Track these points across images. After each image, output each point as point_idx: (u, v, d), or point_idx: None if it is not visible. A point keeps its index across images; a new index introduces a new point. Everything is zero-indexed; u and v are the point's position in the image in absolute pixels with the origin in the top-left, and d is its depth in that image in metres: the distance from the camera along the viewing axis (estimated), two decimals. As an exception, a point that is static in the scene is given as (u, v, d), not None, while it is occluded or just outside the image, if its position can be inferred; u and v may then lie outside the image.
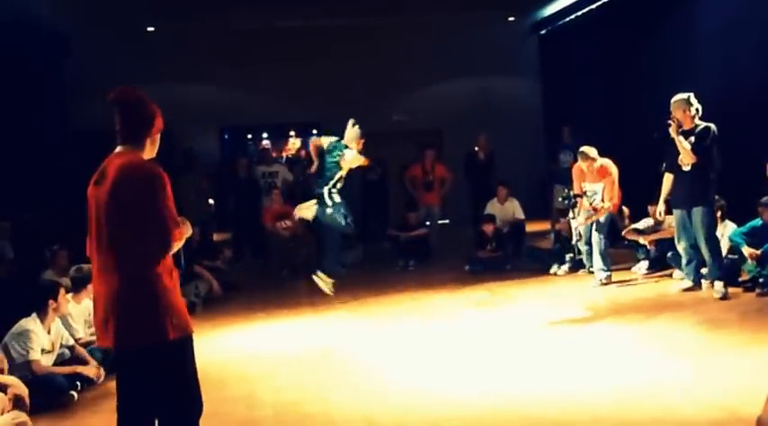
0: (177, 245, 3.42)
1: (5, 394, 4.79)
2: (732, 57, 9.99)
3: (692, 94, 7.36)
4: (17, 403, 4.78)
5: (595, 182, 8.60)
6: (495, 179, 11.69)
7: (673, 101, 7.37)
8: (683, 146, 7.20)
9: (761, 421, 1.95)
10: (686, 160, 7.25)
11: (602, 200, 8.51)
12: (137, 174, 3.34)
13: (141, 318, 3.30)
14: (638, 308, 7.16)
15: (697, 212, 7.29)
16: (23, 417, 4.66)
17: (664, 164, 7.65)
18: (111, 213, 3.33)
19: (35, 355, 5.62)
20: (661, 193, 7.72)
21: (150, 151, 3.55)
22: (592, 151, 8.59)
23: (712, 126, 7.23)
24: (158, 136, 3.58)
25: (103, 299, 3.39)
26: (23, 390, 4.93)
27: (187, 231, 3.50)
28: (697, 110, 7.31)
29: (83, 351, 6.16)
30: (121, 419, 3.45)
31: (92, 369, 5.92)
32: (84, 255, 3.63)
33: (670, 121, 7.27)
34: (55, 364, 5.86)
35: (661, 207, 7.75)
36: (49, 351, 5.84)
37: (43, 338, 5.76)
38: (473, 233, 11.44)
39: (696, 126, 7.29)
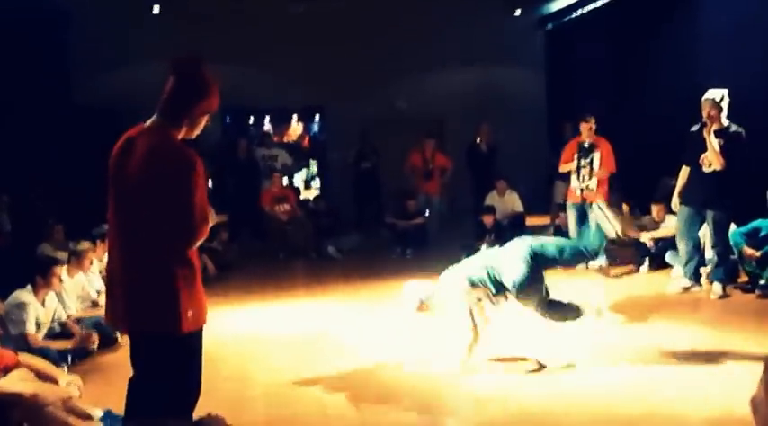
0: (202, 240, 3.24)
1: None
2: (739, 53, 9.93)
3: (722, 91, 7.14)
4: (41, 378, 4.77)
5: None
6: (496, 170, 11.66)
7: (704, 99, 7.16)
8: (714, 148, 7.05)
9: (753, 401, 1.93)
10: (714, 163, 7.10)
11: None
12: (174, 160, 3.12)
13: (158, 307, 3.19)
14: (636, 306, 7.11)
15: (712, 214, 7.21)
16: (29, 375, 4.64)
17: (683, 156, 7.48)
18: (141, 195, 3.14)
19: (31, 328, 5.60)
20: (676, 186, 7.59)
21: (187, 131, 3.32)
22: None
23: (743, 131, 7.10)
24: (204, 118, 3.35)
25: (121, 280, 3.25)
26: (43, 366, 4.91)
27: (212, 220, 3.31)
28: (722, 108, 7.10)
29: (74, 326, 6.12)
30: (129, 400, 3.41)
31: (81, 337, 5.88)
32: (79, 229, 3.56)
33: (706, 121, 7.10)
34: (45, 338, 5.84)
35: (675, 199, 7.57)
36: (42, 325, 5.81)
37: (39, 310, 5.74)
38: (473, 223, 11.41)
39: (725, 127, 7.13)
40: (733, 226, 7.72)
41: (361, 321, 7.01)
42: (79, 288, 6.94)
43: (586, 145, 9.01)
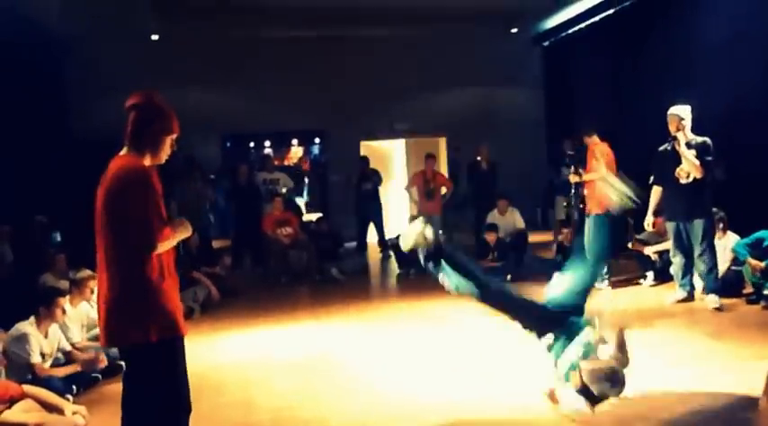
0: (166, 245, 3.40)
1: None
2: (735, 69, 10.00)
3: (686, 107, 7.37)
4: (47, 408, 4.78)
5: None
6: (497, 189, 11.67)
7: (669, 114, 7.40)
8: (690, 160, 7.19)
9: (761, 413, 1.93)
10: (693, 173, 7.23)
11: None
12: (123, 175, 3.37)
13: (127, 318, 3.35)
14: (638, 318, 7.08)
15: (698, 224, 7.32)
16: (33, 405, 4.63)
17: (652, 177, 7.70)
18: (105, 215, 3.39)
19: (35, 358, 5.58)
20: (648, 207, 7.74)
21: (155, 156, 3.55)
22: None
23: (708, 140, 7.28)
24: (167, 141, 3.58)
25: (100, 299, 3.47)
26: (48, 396, 4.91)
27: (185, 231, 3.52)
28: (686, 123, 7.32)
29: (79, 355, 6.11)
30: (122, 415, 3.50)
31: (90, 355, 5.87)
32: (82, 259, 3.66)
33: (676, 135, 7.28)
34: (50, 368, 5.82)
35: (649, 219, 7.84)
36: (47, 356, 5.79)
37: (42, 342, 5.72)
38: (475, 242, 11.41)
39: (691, 139, 7.31)
40: (737, 238, 7.74)
41: (366, 342, 6.98)
42: (83, 316, 6.91)
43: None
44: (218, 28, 14.20)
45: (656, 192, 7.72)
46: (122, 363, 5.74)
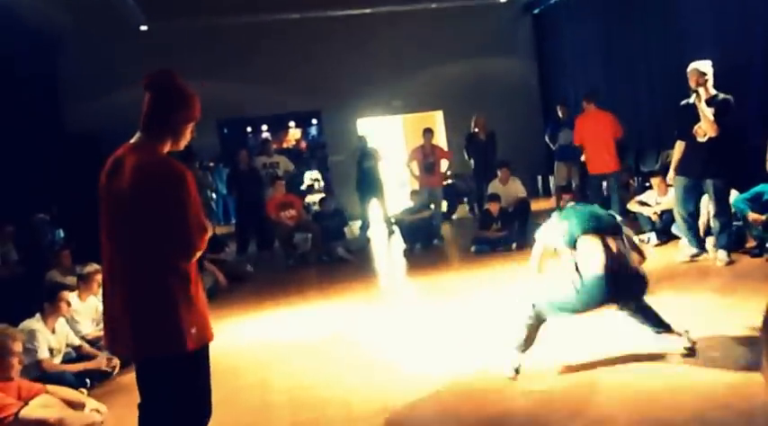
0: (201, 251, 3.15)
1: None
2: (725, 32, 9.95)
3: (707, 62, 7.19)
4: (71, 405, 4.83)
5: None
6: (496, 158, 11.69)
7: (689, 69, 7.20)
8: (707, 116, 7.04)
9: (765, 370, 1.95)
10: (708, 131, 7.11)
11: None
12: (161, 174, 3.04)
13: (160, 328, 3.08)
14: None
15: (711, 183, 7.23)
16: (53, 400, 4.68)
17: (676, 131, 7.54)
18: (132, 213, 3.06)
19: (44, 354, 5.61)
20: (672, 161, 7.65)
21: (173, 144, 3.25)
22: None
23: (731, 98, 7.11)
24: (188, 127, 3.29)
25: (119, 303, 3.15)
26: (69, 393, 4.96)
27: (210, 231, 3.27)
28: (708, 78, 7.12)
29: (90, 349, 6.16)
30: (141, 422, 3.32)
31: (102, 361, 5.93)
32: (86, 254, 3.47)
33: (696, 90, 7.10)
34: (61, 363, 5.87)
35: (671, 174, 7.64)
36: (55, 351, 5.84)
37: (49, 338, 5.76)
38: (477, 213, 11.43)
39: (713, 96, 7.14)
40: (735, 193, 7.74)
41: (377, 319, 7.01)
42: (93, 310, 6.95)
43: None
44: (209, 14, 14.12)
45: (678, 147, 7.50)
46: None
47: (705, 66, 7.17)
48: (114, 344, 3.30)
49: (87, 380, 5.74)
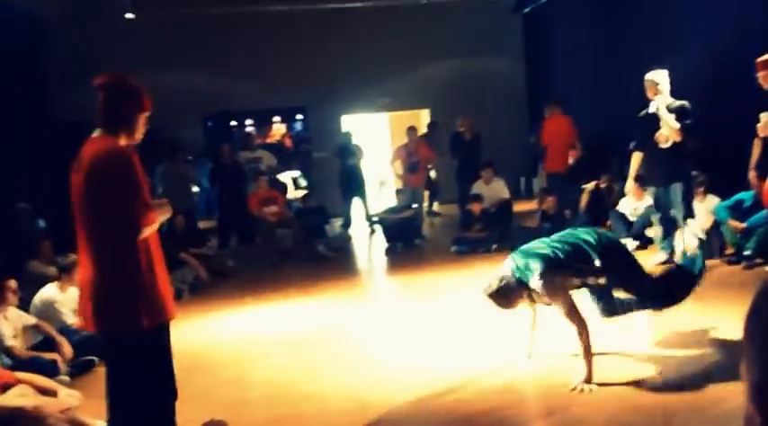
0: (150, 229, 3.39)
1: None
2: (714, 35, 10.02)
3: (662, 71, 7.40)
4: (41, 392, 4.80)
5: None
6: (481, 159, 11.74)
7: (646, 80, 7.43)
8: (670, 123, 7.22)
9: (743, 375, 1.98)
10: (672, 137, 7.27)
11: None
12: (105, 159, 3.33)
13: (115, 305, 3.34)
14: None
15: (676, 188, 7.40)
16: (28, 390, 4.66)
17: (632, 143, 7.78)
18: (86, 200, 3.36)
19: (8, 340, 5.61)
20: (630, 172, 7.86)
21: (130, 136, 3.51)
22: None
23: (687, 103, 7.31)
24: (141, 119, 3.55)
25: (84, 285, 3.45)
26: (40, 380, 4.94)
27: (166, 212, 3.51)
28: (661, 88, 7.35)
29: (46, 327, 6.08)
30: (108, 402, 3.49)
31: (65, 349, 5.90)
32: (67, 244, 3.67)
33: (653, 99, 7.31)
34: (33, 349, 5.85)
35: (630, 184, 7.98)
36: (15, 337, 5.81)
37: (2, 324, 5.74)
38: (460, 213, 11.47)
39: (670, 103, 7.32)
40: (717, 200, 7.84)
41: (357, 317, 7.05)
42: (74, 301, 6.93)
43: None
44: (196, 6, 14.08)
45: (636, 158, 7.78)
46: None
47: (659, 75, 7.39)
48: (84, 321, 3.54)
49: (69, 368, 5.73)
